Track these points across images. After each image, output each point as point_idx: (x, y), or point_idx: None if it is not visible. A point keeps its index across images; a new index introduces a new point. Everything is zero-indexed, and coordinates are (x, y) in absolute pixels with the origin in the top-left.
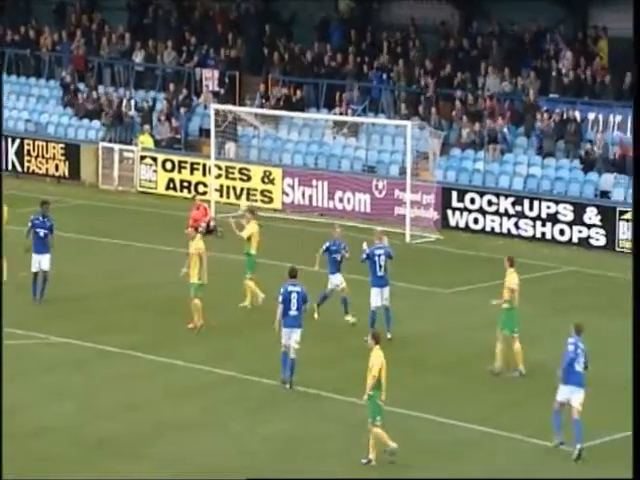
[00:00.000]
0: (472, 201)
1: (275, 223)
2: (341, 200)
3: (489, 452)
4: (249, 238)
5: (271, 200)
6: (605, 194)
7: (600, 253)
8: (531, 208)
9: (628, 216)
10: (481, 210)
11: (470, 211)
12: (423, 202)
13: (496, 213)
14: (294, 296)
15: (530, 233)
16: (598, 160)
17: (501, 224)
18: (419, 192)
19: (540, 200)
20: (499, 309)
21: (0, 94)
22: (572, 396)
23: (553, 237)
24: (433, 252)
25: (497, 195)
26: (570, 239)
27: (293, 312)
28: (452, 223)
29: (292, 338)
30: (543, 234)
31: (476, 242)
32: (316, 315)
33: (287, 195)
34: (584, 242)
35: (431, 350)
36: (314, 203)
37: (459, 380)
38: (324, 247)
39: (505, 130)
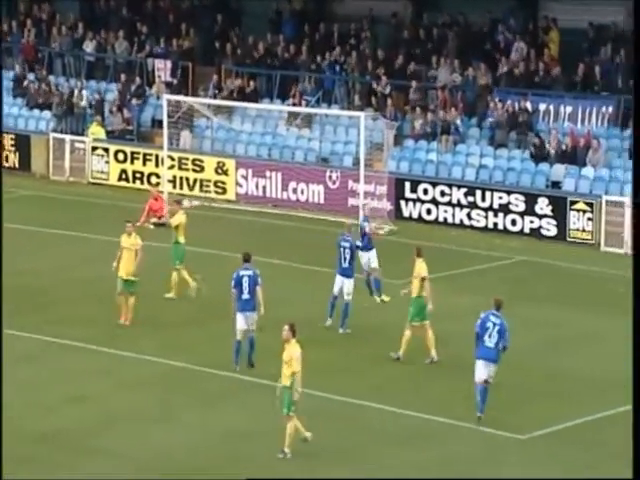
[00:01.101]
0: (425, 192)
1: (229, 214)
2: (295, 191)
3: (444, 441)
4: (177, 227)
5: (225, 191)
6: (556, 184)
7: (551, 243)
8: (483, 199)
9: (578, 206)
10: (434, 201)
11: (423, 202)
12: (376, 193)
13: (449, 204)
14: (245, 280)
15: (482, 223)
16: (549, 151)
17: (454, 215)
18: (373, 183)
19: (492, 191)
20: (455, 299)
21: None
22: (487, 370)
23: (505, 227)
24: (386, 243)
25: (450, 186)
26: (522, 229)
27: (245, 296)
28: (405, 214)
29: (247, 322)
30: (495, 224)
31: (429, 233)
32: (384, 297)
33: (241, 186)
34: (535, 232)
35: (387, 341)
36: (268, 194)
37: (416, 370)
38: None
39: (458, 121)
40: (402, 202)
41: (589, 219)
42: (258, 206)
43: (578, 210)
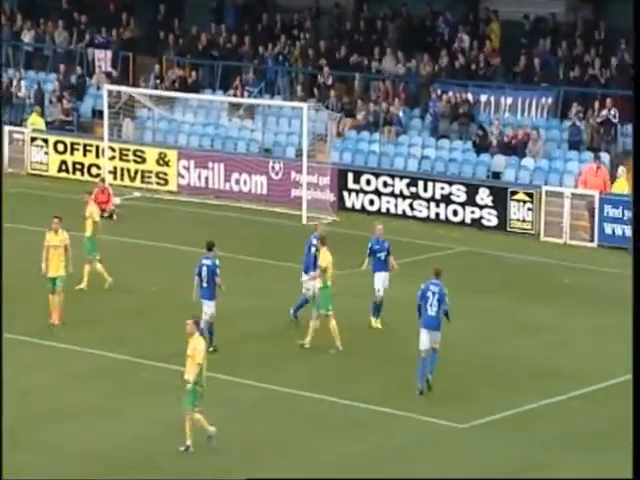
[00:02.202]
0: (368, 182)
1: (170, 206)
2: (237, 182)
3: (384, 431)
4: (88, 219)
5: (166, 182)
6: (497, 175)
7: (492, 233)
8: (425, 189)
9: (519, 197)
10: (376, 191)
11: (366, 192)
12: (319, 184)
13: (391, 194)
14: (204, 269)
15: (424, 214)
16: (491, 142)
17: (396, 205)
18: (315, 174)
19: (434, 181)
20: (397, 289)
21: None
22: (431, 339)
23: (447, 218)
24: (329, 234)
25: (392, 176)
26: (463, 220)
27: (204, 284)
28: (348, 204)
29: (205, 310)
30: (437, 215)
31: (372, 223)
32: (375, 324)
33: (183, 177)
34: (476, 223)
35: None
36: (210, 185)
37: (355, 360)
38: (368, 248)
39: (400, 112)
40: (345, 193)
41: (529, 209)
42: (200, 197)
43: (518, 200)
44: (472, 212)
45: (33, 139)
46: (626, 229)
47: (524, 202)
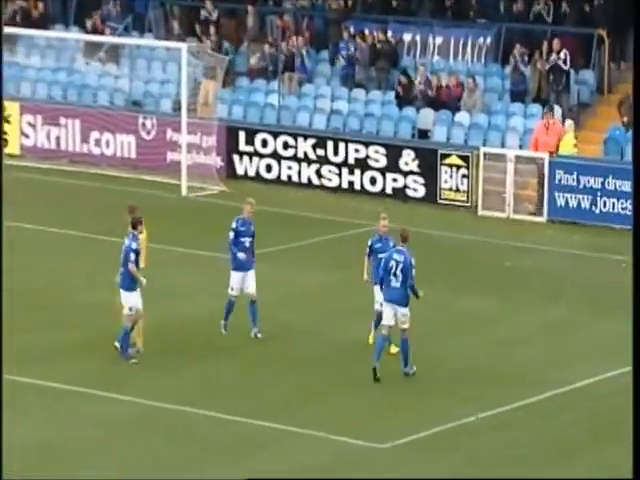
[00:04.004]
0: (264, 143)
1: (10, 173)
2: (98, 143)
3: (284, 451)
4: None
5: (6, 142)
6: (424, 134)
7: (418, 206)
8: (336, 152)
9: (451, 160)
10: (275, 155)
11: (262, 156)
12: (203, 145)
13: (294, 158)
14: (122, 250)
15: (335, 183)
16: (415, 93)
17: (300, 172)
18: (198, 133)
19: (347, 142)
20: (301, 277)
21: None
22: (395, 314)
23: (363, 187)
24: (216, 208)
25: (295, 136)
26: (383, 189)
27: (121, 269)
28: (239, 171)
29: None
30: (351, 184)
31: (269, 194)
32: (392, 350)
33: (27, 137)
34: (400, 193)
35: (211, 332)
36: (62, 147)
37: (247, 369)
38: (367, 247)
39: (304, 54)
40: (235, 157)
41: (464, 176)
42: (50, 162)
43: (451, 165)
44: (394, 180)
45: None
46: (582, 199)
47: (458, 167)
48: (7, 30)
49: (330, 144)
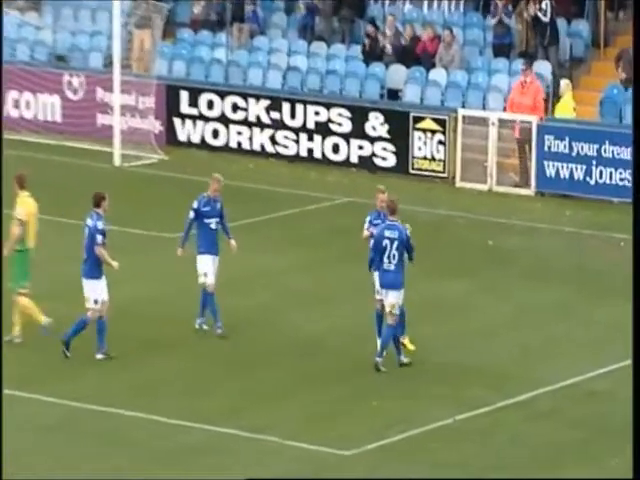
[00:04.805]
0: (210, 105)
1: None
2: (17, 105)
3: (228, 457)
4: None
5: None
6: (394, 94)
7: (388, 177)
8: (293, 115)
9: (425, 125)
10: (223, 118)
11: (207, 119)
12: (139, 107)
13: (244, 122)
14: (86, 231)
15: (292, 150)
16: (384, 47)
17: (251, 138)
18: (133, 92)
19: (305, 103)
20: (254, 260)
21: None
22: (389, 299)
23: (324, 155)
24: (154, 179)
25: (245, 97)
26: (347, 158)
27: (84, 255)
28: (181, 137)
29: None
30: (310, 151)
31: (216, 164)
32: (409, 345)
33: None
34: (366, 162)
35: (154, 322)
36: None
37: (194, 364)
38: (366, 224)
39: (256, 2)
40: (176, 120)
41: (440, 143)
42: None
43: (425, 130)
44: (360, 147)
45: None
46: (574, 169)
47: (433, 133)
48: None
49: (286, 106)
